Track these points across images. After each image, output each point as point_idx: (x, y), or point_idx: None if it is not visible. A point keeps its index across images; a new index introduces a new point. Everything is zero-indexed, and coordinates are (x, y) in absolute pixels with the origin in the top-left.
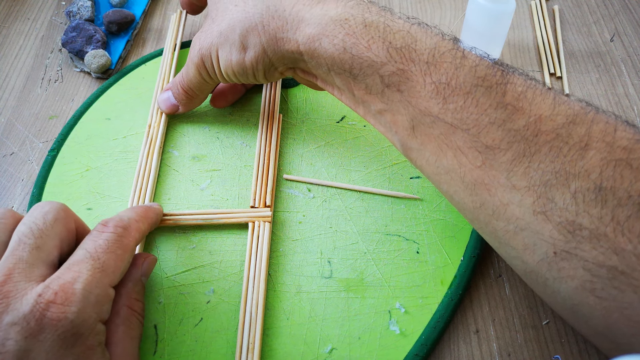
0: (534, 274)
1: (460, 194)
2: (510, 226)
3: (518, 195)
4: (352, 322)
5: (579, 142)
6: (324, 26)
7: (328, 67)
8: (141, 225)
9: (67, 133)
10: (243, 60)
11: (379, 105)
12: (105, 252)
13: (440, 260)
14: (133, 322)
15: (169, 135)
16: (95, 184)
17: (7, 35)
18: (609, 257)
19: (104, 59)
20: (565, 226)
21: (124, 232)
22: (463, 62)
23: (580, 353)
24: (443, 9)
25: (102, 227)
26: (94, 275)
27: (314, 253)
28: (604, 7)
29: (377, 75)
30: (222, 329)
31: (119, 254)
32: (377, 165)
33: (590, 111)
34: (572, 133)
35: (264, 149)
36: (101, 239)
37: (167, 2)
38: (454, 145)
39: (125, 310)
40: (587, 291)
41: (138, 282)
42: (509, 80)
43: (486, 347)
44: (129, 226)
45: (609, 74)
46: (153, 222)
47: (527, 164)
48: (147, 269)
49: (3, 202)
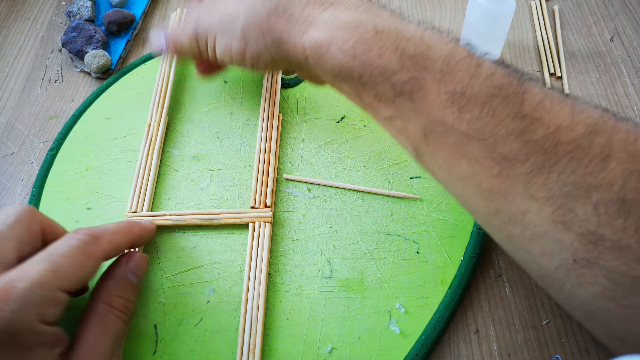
0: (550, 278)
1: (474, 200)
2: (527, 232)
3: (537, 205)
4: (352, 322)
5: (600, 153)
6: (333, 32)
7: (335, 74)
8: (117, 238)
9: (66, 133)
10: (244, 51)
11: (389, 112)
12: (63, 256)
13: (440, 260)
14: (109, 319)
15: (169, 135)
16: (95, 184)
17: (7, 35)
18: (632, 267)
19: (104, 59)
20: (586, 236)
21: (91, 241)
22: (478, 71)
23: (580, 353)
24: (443, 9)
25: (73, 234)
26: (42, 276)
27: (314, 253)
28: (604, 7)
29: (389, 83)
30: (222, 329)
31: (79, 260)
32: (377, 165)
33: (609, 119)
34: (593, 143)
35: (264, 148)
36: (65, 244)
37: (167, 2)
38: (469, 155)
39: (102, 307)
40: (608, 298)
41: (122, 280)
42: (526, 89)
43: (486, 347)
44: (100, 236)
45: (609, 74)
46: (136, 237)
47: (546, 175)
48: (135, 266)
49: (3, 202)
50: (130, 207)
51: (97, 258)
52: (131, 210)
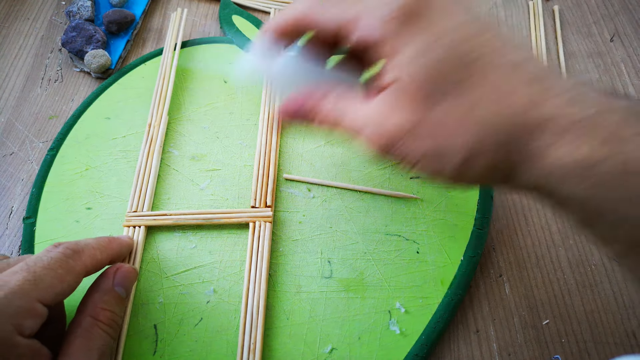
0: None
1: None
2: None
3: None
4: (352, 322)
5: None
6: (566, 168)
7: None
8: (97, 254)
9: (66, 132)
10: (461, 177)
11: (621, 251)
12: (44, 268)
13: (440, 260)
14: (95, 333)
15: (169, 135)
16: (94, 184)
17: (7, 35)
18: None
19: (103, 58)
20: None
21: (72, 254)
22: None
23: (581, 353)
24: None
25: (53, 247)
26: (20, 286)
27: (314, 253)
28: (604, 7)
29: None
30: (222, 329)
31: (59, 273)
32: (377, 165)
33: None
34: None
35: (264, 148)
36: (45, 256)
37: (167, 2)
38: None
39: (88, 321)
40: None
41: (108, 292)
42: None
43: (486, 347)
44: (81, 250)
45: (609, 74)
46: (116, 253)
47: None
48: (122, 279)
49: (3, 202)
50: (130, 207)
51: (78, 273)
52: (131, 210)
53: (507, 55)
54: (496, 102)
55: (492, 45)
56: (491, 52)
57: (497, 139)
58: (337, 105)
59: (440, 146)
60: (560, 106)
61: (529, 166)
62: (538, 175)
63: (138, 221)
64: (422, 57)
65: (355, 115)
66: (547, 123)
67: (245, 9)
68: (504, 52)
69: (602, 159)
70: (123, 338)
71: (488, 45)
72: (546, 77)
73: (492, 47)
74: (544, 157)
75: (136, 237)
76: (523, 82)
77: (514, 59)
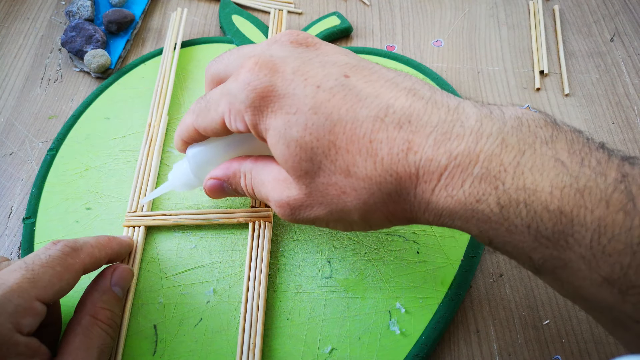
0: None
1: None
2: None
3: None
4: (352, 322)
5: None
6: (451, 210)
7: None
8: (96, 252)
9: (66, 132)
10: (369, 227)
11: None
12: (42, 266)
13: (440, 261)
14: (94, 331)
15: (169, 135)
16: (94, 184)
17: (7, 35)
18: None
19: (103, 58)
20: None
21: (71, 252)
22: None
23: (581, 353)
24: (443, 8)
25: (52, 244)
26: (19, 284)
27: (314, 253)
28: (604, 7)
29: (526, 256)
30: (222, 329)
31: (57, 271)
32: None
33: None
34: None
35: None
36: (44, 254)
37: (166, 2)
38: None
39: (87, 320)
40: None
41: (106, 292)
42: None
43: (486, 347)
44: (80, 248)
45: (609, 74)
46: (115, 252)
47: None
48: (119, 279)
49: (3, 202)
50: (130, 207)
51: (77, 270)
52: (131, 210)
53: (368, 105)
54: (371, 157)
55: (347, 103)
56: (347, 110)
57: (383, 192)
58: (250, 176)
59: (335, 210)
60: (428, 150)
61: (423, 209)
62: (435, 215)
63: (138, 221)
64: (284, 139)
65: (263, 188)
66: (420, 170)
67: (245, 9)
68: (363, 104)
69: (479, 198)
70: (123, 338)
71: (343, 104)
72: (415, 114)
73: (348, 105)
74: (429, 202)
75: (136, 237)
76: (392, 127)
77: (377, 105)
